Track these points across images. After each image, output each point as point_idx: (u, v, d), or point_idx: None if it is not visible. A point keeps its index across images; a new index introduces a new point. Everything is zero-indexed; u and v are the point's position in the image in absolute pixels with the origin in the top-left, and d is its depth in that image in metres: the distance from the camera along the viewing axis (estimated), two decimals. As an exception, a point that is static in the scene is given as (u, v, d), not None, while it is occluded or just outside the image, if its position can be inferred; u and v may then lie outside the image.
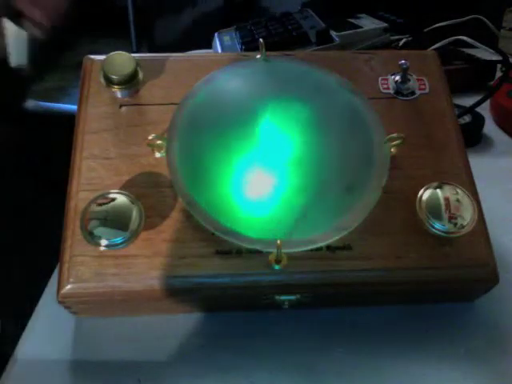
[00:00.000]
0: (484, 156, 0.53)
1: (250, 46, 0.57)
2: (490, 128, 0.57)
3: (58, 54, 0.90)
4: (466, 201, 0.32)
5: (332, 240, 0.32)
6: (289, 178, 0.34)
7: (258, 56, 0.38)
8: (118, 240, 0.30)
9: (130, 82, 0.35)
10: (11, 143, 0.60)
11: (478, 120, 0.55)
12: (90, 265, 0.31)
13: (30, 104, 0.82)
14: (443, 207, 0.31)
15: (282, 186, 0.34)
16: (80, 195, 0.33)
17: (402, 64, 0.37)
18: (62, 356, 0.33)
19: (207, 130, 0.35)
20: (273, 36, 0.58)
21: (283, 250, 0.30)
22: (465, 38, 0.63)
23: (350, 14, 0.68)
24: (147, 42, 1.07)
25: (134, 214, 0.30)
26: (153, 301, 0.32)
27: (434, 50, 0.42)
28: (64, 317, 0.35)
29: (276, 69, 0.38)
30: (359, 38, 0.62)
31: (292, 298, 0.33)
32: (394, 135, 0.34)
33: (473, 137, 0.54)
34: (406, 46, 0.66)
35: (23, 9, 0.28)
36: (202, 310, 0.36)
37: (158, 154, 0.34)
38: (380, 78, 0.38)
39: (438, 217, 0.31)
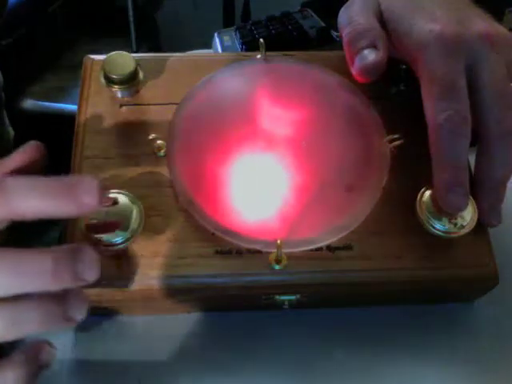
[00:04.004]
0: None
1: (250, 45, 0.56)
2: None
3: (57, 54, 0.90)
4: (465, 201, 0.32)
5: (332, 240, 0.32)
6: (289, 178, 0.34)
7: (258, 56, 0.38)
8: (118, 240, 0.30)
9: (130, 81, 0.35)
10: (11, 143, 0.60)
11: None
12: (90, 265, 0.31)
13: (30, 104, 0.82)
14: (443, 207, 0.31)
15: (283, 186, 0.34)
16: (80, 195, 0.33)
17: (401, 64, 0.37)
18: (62, 356, 0.33)
19: (207, 130, 0.35)
20: (273, 36, 0.58)
21: (283, 250, 0.30)
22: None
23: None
24: (147, 42, 1.07)
25: (134, 213, 0.30)
26: (153, 301, 0.32)
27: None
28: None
29: (276, 69, 0.38)
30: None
31: (292, 297, 0.33)
32: (394, 135, 0.34)
33: (473, 137, 0.54)
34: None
35: None
36: (202, 309, 0.36)
37: (158, 154, 0.34)
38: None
39: (438, 217, 0.31)
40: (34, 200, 0.25)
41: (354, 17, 0.34)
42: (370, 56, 0.33)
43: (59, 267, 0.25)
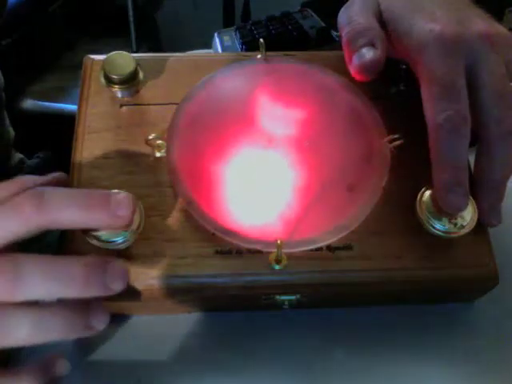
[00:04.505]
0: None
1: (250, 45, 0.57)
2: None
3: (57, 54, 0.90)
4: (466, 201, 0.32)
5: (332, 240, 0.32)
6: (290, 178, 0.34)
7: (258, 56, 0.38)
8: (118, 240, 0.30)
9: (131, 81, 0.35)
10: (11, 143, 0.60)
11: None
12: (90, 265, 0.31)
13: (30, 104, 0.82)
14: (443, 207, 0.31)
15: (283, 186, 0.34)
16: (80, 195, 0.33)
17: (401, 64, 0.37)
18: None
19: (207, 130, 0.35)
20: (273, 36, 0.58)
21: (283, 250, 0.30)
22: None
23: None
24: (147, 42, 1.07)
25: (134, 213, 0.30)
26: (153, 301, 0.32)
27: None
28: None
29: (276, 69, 0.38)
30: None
31: (292, 297, 0.33)
32: (394, 135, 0.34)
33: (473, 137, 0.54)
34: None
35: None
36: (202, 309, 0.36)
37: (158, 154, 0.34)
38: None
39: (438, 217, 0.31)
40: (70, 211, 0.26)
41: (353, 17, 0.34)
42: (368, 54, 0.33)
43: (90, 276, 0.26)
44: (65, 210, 0.26)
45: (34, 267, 0.25)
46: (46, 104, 0.82)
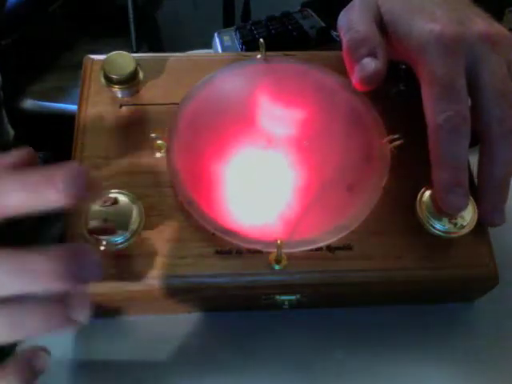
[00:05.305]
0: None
1: (250, 45, 0.57)
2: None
3: (57, 54, 0.90)
4: (465, 201, 0.32)
5: (332, 240, 0.32)
6: (290, 178, 0.34)
7: (258, 56, 0.38)
8: (118, 240, 0.30)
9: (131, 81, 0.35)
10: (11, 143, 0.60)
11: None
12: (90, 265, 0.31)
13: (30, 104, 0.82)
14: (443, 207, 0.31)
15: (283, 186, 0.34)
16: (80, 195, 0.33)
17: (401, 64, 0.37)
18: (62, 356, 0.33)
19: (207, 130, 0.35)
20: (273, 36, 0.58)
21: (283, 250, 0.30)
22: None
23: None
24: (147, 42, 1.07)
25: (134, 213, 0.30)
26: (153, 301, 0.32)
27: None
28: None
29: (276, 69, 0.38)
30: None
31: (292, 297, 0.33)
32: (394, 135, 0.34)
33: (473, 137, 0.54)
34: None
35: None
36: (202, 309, 0.36)
37: (158, 154, 0.34)
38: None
39: (438, 217, 0.31)
40: (16, 195, 0.24)
41: (353, 22, 0.34)
42: (370, 66, 0.33)
43: (60, 267, 0.24)
44: (11, 196, 0.23)
45: None
46: (46, 104, 0.82)
